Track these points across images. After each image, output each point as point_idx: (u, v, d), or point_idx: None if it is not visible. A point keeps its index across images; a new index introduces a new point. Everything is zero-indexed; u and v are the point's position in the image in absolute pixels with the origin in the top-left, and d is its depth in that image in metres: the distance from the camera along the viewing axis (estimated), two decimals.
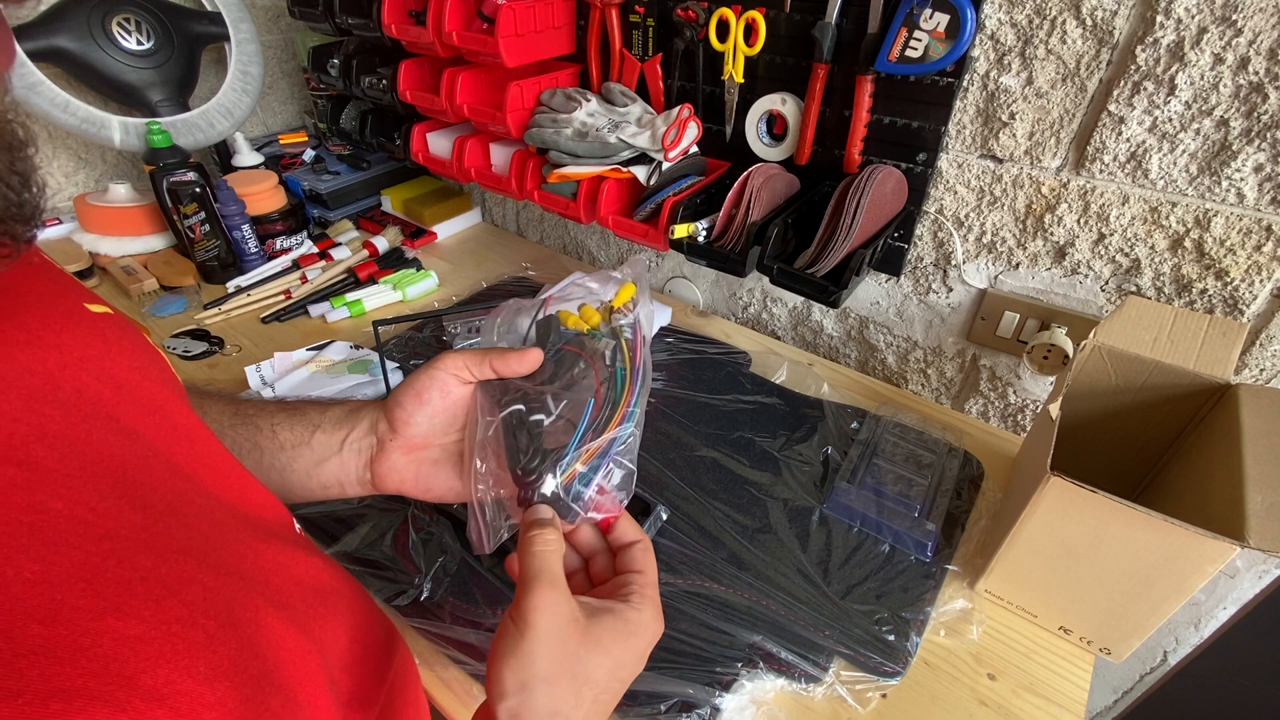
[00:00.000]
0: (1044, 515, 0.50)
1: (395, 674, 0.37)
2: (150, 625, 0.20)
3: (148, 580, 0.21)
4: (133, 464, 0.24)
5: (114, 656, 0.19)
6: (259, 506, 0.32)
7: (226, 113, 1.07)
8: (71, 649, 0.18)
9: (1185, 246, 0.62)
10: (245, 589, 0.25)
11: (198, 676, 0.20)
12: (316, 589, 0.31)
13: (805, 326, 0.94)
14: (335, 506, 0.66)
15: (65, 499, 0.21)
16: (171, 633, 0.20)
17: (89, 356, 0.26)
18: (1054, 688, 0.54)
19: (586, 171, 0.80)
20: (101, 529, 0.21)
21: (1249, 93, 0.54)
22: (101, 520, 0.21)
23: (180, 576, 0.22)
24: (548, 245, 1.20)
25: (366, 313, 0.97)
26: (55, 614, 0.18)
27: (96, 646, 0.18)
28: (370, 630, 0.35)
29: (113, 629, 0.19)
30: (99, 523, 0.21)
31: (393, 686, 0.36)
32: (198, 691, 0.20)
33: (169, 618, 0.21)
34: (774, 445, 0.74)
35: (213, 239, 0.98)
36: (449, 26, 0.80)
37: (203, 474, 0.29)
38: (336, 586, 0.33)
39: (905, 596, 0.59)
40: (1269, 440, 0.48)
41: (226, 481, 0.30)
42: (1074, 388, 0.59)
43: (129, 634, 0.19)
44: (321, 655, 0.28)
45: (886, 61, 0.64)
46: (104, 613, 0.19)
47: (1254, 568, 0.72)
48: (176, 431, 0.29)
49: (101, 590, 0.20)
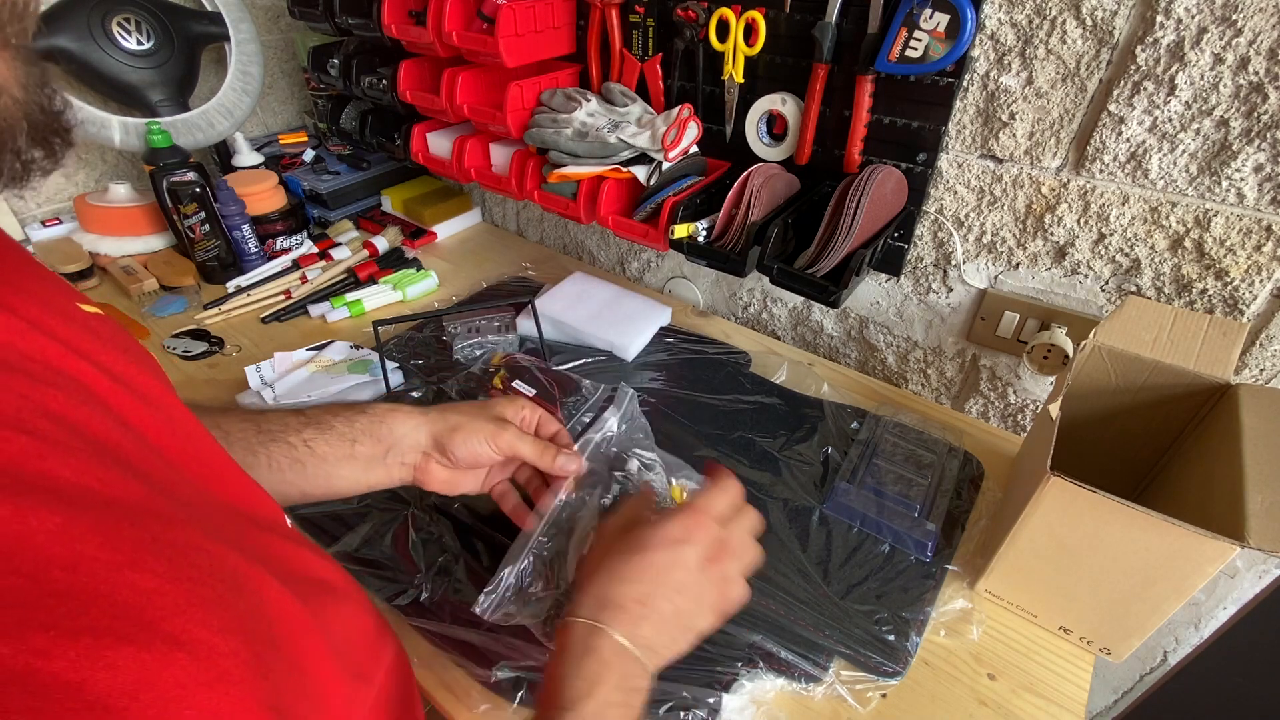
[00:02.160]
0: (1044, 515, 0.50)
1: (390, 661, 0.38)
2: (165, 580, 0.21)
3: (159, 541, 0.22)
4: (128, 450, 0.25)
5: (133, 604, 0.19)
6: (251, 501, 0.33)
7: (226, 113, 1.07)
8: (93, 595, 0.19)
9: (1185, 246, 0.62)
10: (247, 562, 0.25)
11: (213, 629, 0.21)
12: (310, 578, 0.32)
13: (805, 326, 0.94)
14: (335, 506, 0.66)
15: (72, 468, 0.21)
16: (185, 589, 0.21)
17: (85, 350, 0.26)
18: (1054, 688, 0.54)
19: (586, 171, 0.80)
20: (108, 496, 0.22)
21: (1249, 93, 0.54)
22: (107, 489, 0.22)
23: (187, 543, 0.23)
24: (548, 245, 1.20)
25: (366, 313, 0.97)
26: (76, 563, 0.19)
27: (116, 594, 0.19)
28: (365, 619, 0.36)
29: (130, 581, 0.20)
30: (106, 491, 0.22)
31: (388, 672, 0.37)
32: (214, 641, 0.21)
33: (181, 576, 0.21)
34: (774, 445, 0.74)
35: (213, 239, 0.98)
36: (449, 26, 0.80)
37: (195, 468, 0.29)
38: (330, 580, 0.34)
39: (905, 596, 0.59)
40: (1269, 440, 0.48)
41: (219, 476, 0.31)
42: (1074, 388, 0.59)
43: (146, 586, 0.20)
44: (323, 631, 0.29)
45: (886, 61, 0.64)
46: (121, 566, 0.20)
47: (1254, 568, 0.72)
48: (171, 424, 0.29)
49: (118, 546, 0.20)
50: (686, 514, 0.45)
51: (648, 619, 0.41)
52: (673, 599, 0.42)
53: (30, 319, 0.25)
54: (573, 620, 0.41)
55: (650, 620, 0.41)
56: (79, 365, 0.25)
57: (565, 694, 0.38)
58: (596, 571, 0.43)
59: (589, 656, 0.39)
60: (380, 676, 0.36)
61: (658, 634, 0.41)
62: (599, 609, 0.41)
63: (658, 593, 0.42)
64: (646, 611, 0.41)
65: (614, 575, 0.42)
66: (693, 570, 0.43)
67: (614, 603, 0.41)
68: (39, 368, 0.24)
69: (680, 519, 0.44)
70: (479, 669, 0.53)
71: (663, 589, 0.42)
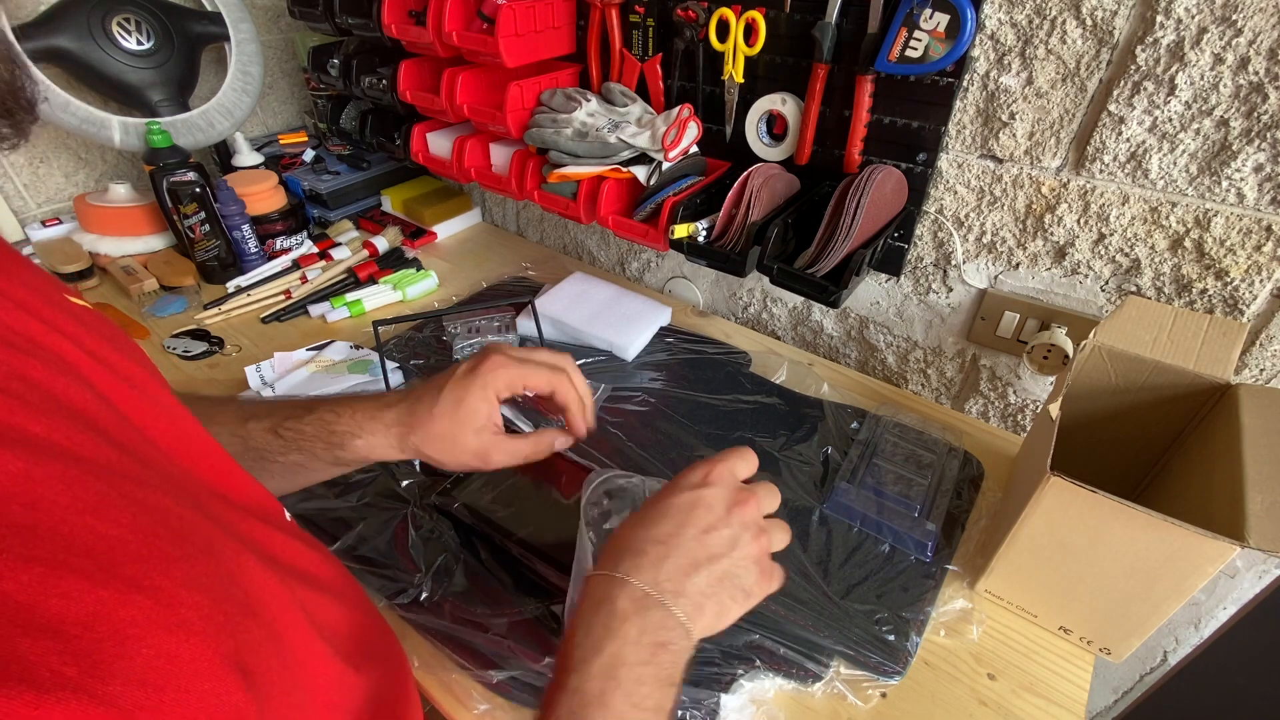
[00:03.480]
0: (1044, 515, 0.50)
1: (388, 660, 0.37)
2: (129, 530, 0.20)
3: (126, 497, 0.21)
4: (106, 421, 0.24)
5: (94, 548, 0.19)
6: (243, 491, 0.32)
7: (226, 113, 1.07)
8: (53, 533, 0.18)
9: (1185, 246, 0.62)
10: (225, 536, 0.25)
11: (176, 580, 0.20)
12: (300, 571, 0.31)
13: (805, 326, 0.94)
14: (335, 505, 0.66)
15: (43, 425, 0.21)
16: (149, 542, 0.21)
17: (70, 333, 0.26)
18: (1054, 688, 0.54)
19: (586, 171, 0.80)
20: (78, 454, 0.21)
21: (1249, 93, 0.54)
22: (79, 449, 0.21)
23: (158, 505, 0.23)
24: (548, 245, 1.20)
25: (366, 313, 0.96)
26: (35, 503, 0.19)
27: (76, 535, 0.19)
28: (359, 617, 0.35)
29: (91, 525, 0.19)
30: (75, 450, 0.21)
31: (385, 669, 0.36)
32: (175, 591, 0.20)
33: (147, 530, 0.21)
34: (774, 445, 0.74)
35: (213, 239, 0.98)
36: (449, 26, 0.80)
37: (181, 450, 0.28)
38: (323, 577, 0.33)
39: (905, 596, 0.59)
40: (1269, 440, 0.48)
41: (206, 461, 0.30)
42: (1074, 388, 0.59)
43: (108, 533, 0.20)
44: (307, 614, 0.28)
45: (886, 61, 0.64)
46: (83, 511, 0.20)
47: (1254, 568, 0.72)
48: (157, 408, 0.28)
49: (80, 494, 0.20)
50: (703, 463, 0.42)
51: (672, 560, 0.37)
52: (702, 540, 0.38)
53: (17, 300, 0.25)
54: (593, 574, 0.37)
55: (676, 562, 0.37)
56: (63, 344, 0.25)
57: (573, 655, 0.34)
58: (621, 529, 0.40)
59: (601, 609, 0.35)
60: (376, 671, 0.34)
61: (686, 578, 0.36)
62: (616, 558, 0.37)
63: (682, 533, 0.38)
64: (670, 552, 0.37)
65: (633, 526, 0.39)
66: (719, 512, 0.39)
67: (631, 548, 0.37)
68: (21, 340, 0.24)
69: (697, 466, 0.41)
70: (478, 669, 0.53)
71: (688, 530, 0.38)
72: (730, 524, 0.39)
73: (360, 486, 0.68)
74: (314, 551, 0.33)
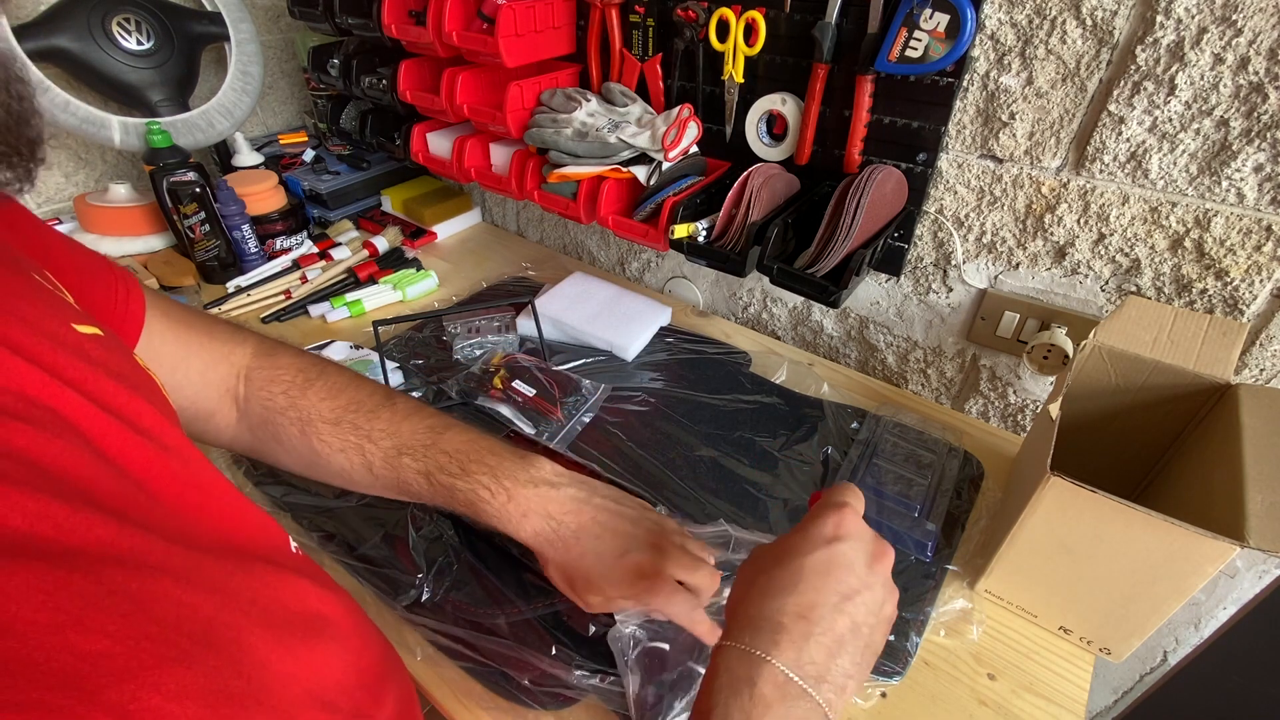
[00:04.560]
0: (1044, 515, 0.50)
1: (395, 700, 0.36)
2: (115, 641, 0.19)
3: (116, 594, 0.20)
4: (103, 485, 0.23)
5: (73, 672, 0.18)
6: (250, 529, 0.32)
7: (226, 113, 1.07)
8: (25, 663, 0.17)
9: (1185, 246, 0.62)
10: (226, 608, 0.24)
11: (166, 693, 0.19)
12: (305, 614, 0.30)
13: (805, 326, 0.94)
14: (335, 505, 0.66)
15: (28, 514, 0.20)
16: (139, 649, 0.20)
17: (71, 378, 0.25)
18: (1054, 688, 0.54)
19: (586, 171, 0.80)
20: (65, 545, 0.20)
21: (1249, 93, 0.54)
22: (66, 537, 0.20)
23: (152, 593, 0.22)
24: (548, 245, 1.20)
25: (366, 313, 0.97)
26: (8, 627, 0.17)
27: (53, 661, 0.18)
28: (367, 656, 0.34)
29: (72, 644, 0.18)
30: (63, 539, 0.20)
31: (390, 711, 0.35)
32: (165, 708, 0.19)
33: (137, 634, 0.20)
34: (774, 445, 0.74)
35: (213, 239, 0.98)
36: (449, 26, 0.80)
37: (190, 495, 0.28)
38: (328, 613, 0.32)
39: (905, 596, 0.59)
40: (1269, 440, 0.48)
41: (216, 504, 0.30)
42: (1074, 388, 0.59)
43: (91, 649, 0.19)
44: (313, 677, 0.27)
45: (886, 61, 0.64)
46: (63, 627, 0.18)
47: (1254, 568, 0.72)
48: (166, 452, 0.28)
49: (61, 604, 0.19)
50: (832, 510, 0.38)
51: (816, 639, 0.33)
52: (845, 609, 0.34)
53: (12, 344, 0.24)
54: (725, 645, 0.34)
55: (820, 640, 0.33)
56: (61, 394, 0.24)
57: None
58: (745, 594, 0.36)
59: (741, 692, 0.31)
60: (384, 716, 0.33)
61: (832, 659, 0.33)
62: (752, 631, 0.33)
63: (823, 602, 0.34)
64: (812, 628, 0.33)
65: (765, 591, 0.35)
66: (860, 571, 0.36)
67: (768, 621, 0.33)
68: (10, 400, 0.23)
69: (828, 516, 0.37)
70: (479, 669, 0.53)
71: (829, 597, 0.34)
72: (872, 585, 0.36)
73: None
74: (320, 588, 0.32)
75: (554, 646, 0.54)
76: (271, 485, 0.68)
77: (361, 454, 0.48)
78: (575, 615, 0.56)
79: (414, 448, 0.48)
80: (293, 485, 0.68)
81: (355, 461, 0.49)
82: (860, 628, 0.34)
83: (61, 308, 0.29)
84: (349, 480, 0.50)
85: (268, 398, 0.49)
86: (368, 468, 0.48)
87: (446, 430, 0.49)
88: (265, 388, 0.49)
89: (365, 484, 0.50)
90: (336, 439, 0.49)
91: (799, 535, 0.37)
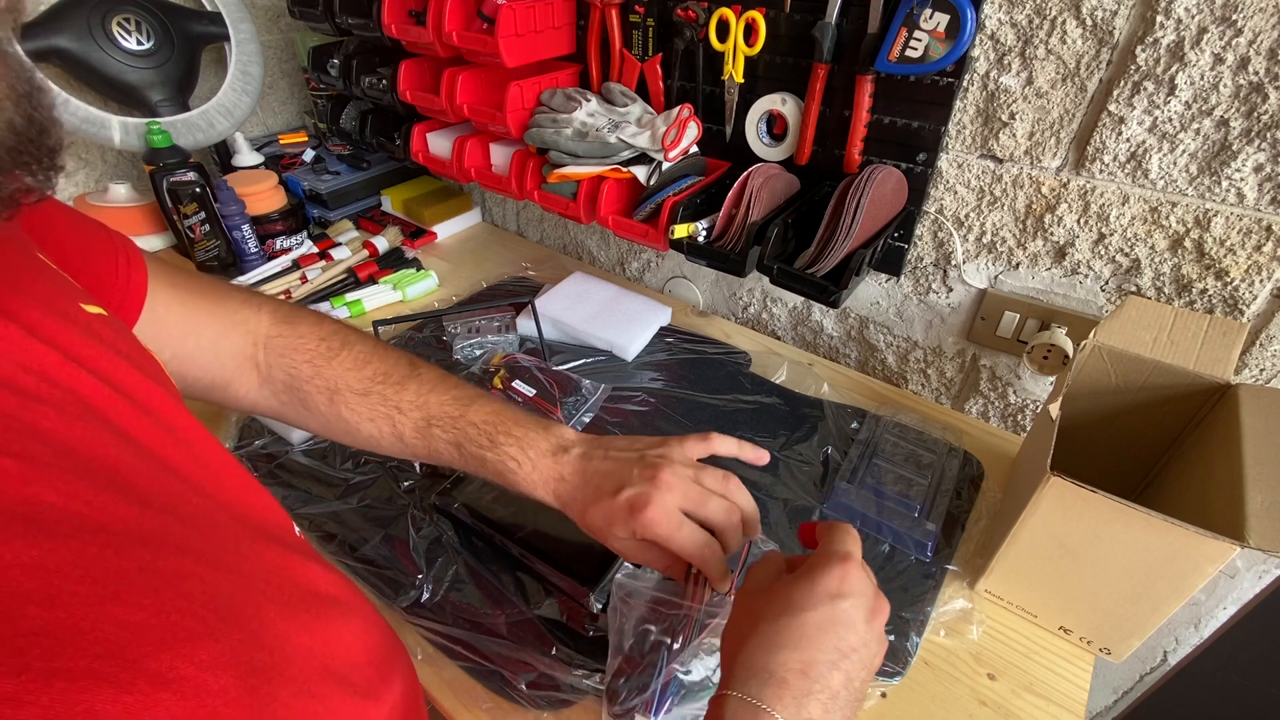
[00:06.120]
0: (1044, 515, 0.50)
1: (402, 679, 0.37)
2: (150, 613, 0.20)
3: (145, 572, 0.21)
4: (126, 464, 0.24)
5: (115, 640, 0.18)
6: (259, 509, 0.32)
7: (226, 113, 1.07)
8: (72, 632, 0.18)
9: (1185, 246, 0.62)
10: (245, 586, 0.25)
11: (200, 664, 0.20)
12: (314, 593, 0.31)
13: (805, 326, 0.94)
14: (336, 506, 0.66)
15: (60, 492, 0.20)
16: (171, 622, 0.20)
17: (85, 357, 0.26)
18: (1054, 688, 0.54)
19: (586, 171, 0.80)
20: (96, 522, 0.21)
21: (1249, 93, 0.54)
22: (96, 514, 0.21)
23: (177, 571, 0.22)
24: (548, 245, 1.20)
25: (366, 313, 0.97)
26: (54, 598, 0.18)
27: (97, 630, 0.18)
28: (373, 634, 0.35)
29: (113, 615, 0.19)
30: (94, 516, 0.21)
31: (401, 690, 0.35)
32: (201, 678, 0.20)
33: (168, 608, 0.20)
34: (774, 445, 0.74)
35: (213, 239, 0.98)
36: (449, 26, 0.80)
37: (200, 475, 0.28)
38: (335, 594, 0.33)
39: (905, 596, 0.59)
40: (1269, 440, 0.48)
41: (224, 484, 0.30)
42: (1074, 388, 0.59)
43: (130, 620, 0.19)
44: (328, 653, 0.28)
45: (886, 61, 0.64)
46: (103, 599, 0.19)
47: (1254, 568, 0.72)
48: (173, 433, 0.28)
49: (99, 578, 0.19)
50: (837, 563, 0.38)
51: (814, 695, 0.34)
52: (841, 666, 0.36)
53: (29, 325, 0.24)
54: (726, 694, 0.35)
55: (818, 697, 0.34)
56: (77, 375, 0.25)
57: None
58: (747, 639, 0.37)
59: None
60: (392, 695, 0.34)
61: (827, 714, 0.34)
62: (755, 683, 0.35)
63: (822, 659, 0.35)
64: (811, 685, 0.34)
65: (768, 642, 0.36)
66: (860, 629, 0.37)
67: (773, 675, 0.35)
68: (34, 381, 0.23)
69: (833, 569, 0.38)
70: (480, 669, 0.53)
71: (828, 654, 0.35)
72: (869, 642, 0.37)
73: (361, 488, 0.68)
74: (325, 570, 0.33)
75: (554, 647, 0.54)
76: (272, 486, 0.68)
77: (391, 424, 0.50)
78: (575, 615, 0.56)
79: (442, 419, 0.50)
80: (293, 486, 0.68)
81: (385, 430, 0.50)
82: (853, 682, 0.36)
83: (69, 287, 0.29)
84: (378, 446, 0.52)
85: (291, 365, 0.50)
86: (398, 437, 0.50)
87: (473, 402, 0.51)
88: (288, 355, 0.50)
89: (395, 450, 0.52)
90: (365, 409, 0.50)
91: (805, 586, 0.38)
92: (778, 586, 0.39)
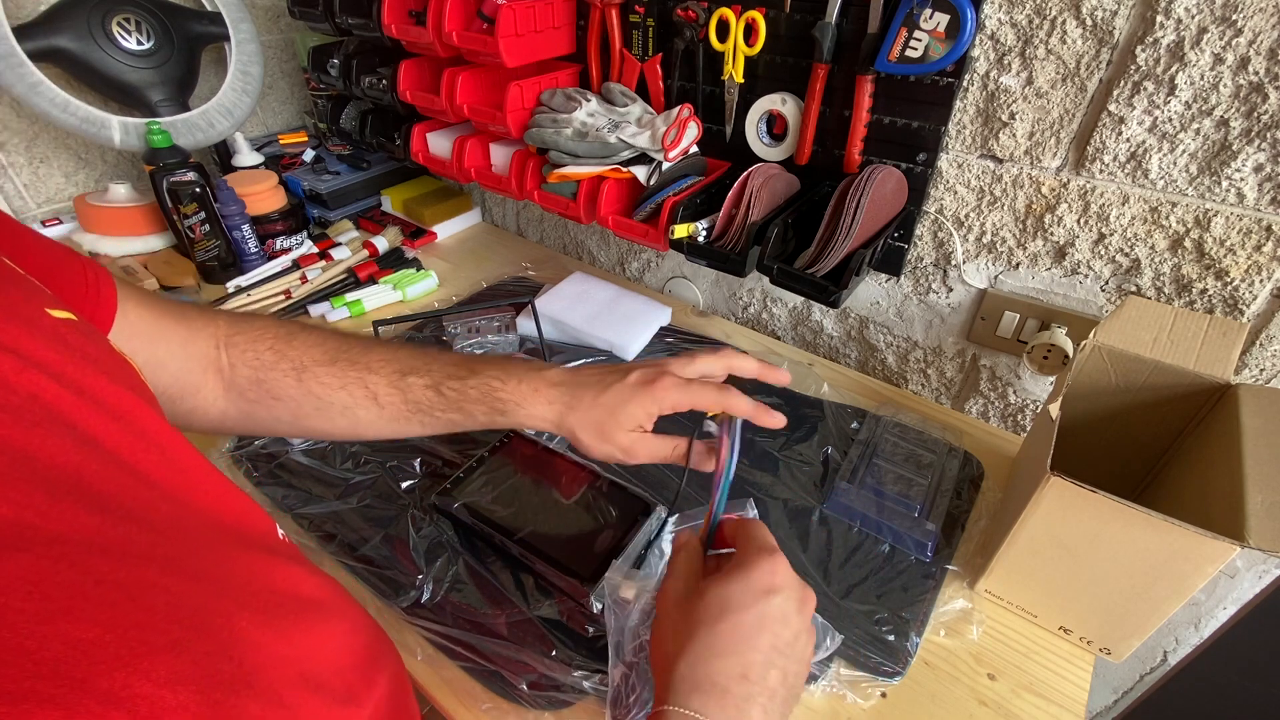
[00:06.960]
0: (1044, 515, 0.50)
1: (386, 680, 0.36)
2: (105, 629, 0.19)
3: (103, 584, 0.20)
4: (89, 471, 0.23)
5: (64, 659, 0.18)
6: (236, 514, 0.32)
7: (226, 113, 1.07)
8: (16, 652, 0.17)
9: (1185, 246, 0.62)
10: (217, 594, 0.24)
11: (158, 680, 0.19)
12: (296, 597, 0.30)
13: (805, 326, 0.94)
14: (335, 506, 0.66)
15: (10, 503, 0.20)
16: (129, 637, 0.20)
17: (48, 361, 0.25)
18: (1054, 688, 0.54)
19: (586, 171, 0.80)
20: (51, 533, 0.20)
21: (1249, 93, 0.54)
22: (51, 524, 0.20)
23: (140, 582, 0.22)
24: (548, 245, 1.20)
25: (366, 313, 0.97)
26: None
27: (44, 649, 0.17)
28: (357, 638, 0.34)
29: (62, 632, 0.18)
30: (48, 526, 0.20)
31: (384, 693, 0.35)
32: (158, 695, 0.19)
33: (125, 622, 0.20)
34: (774, 445, 0.74)
35: (213, 239, 0.98)
36: (449, 26, 0.80)
37: (173, 481, 0.28)
38: (318, 597, 0.32)
39: (905, 596, 0.59)
40: (1269, 440, 0.48)
41: (199, 489, 0.30)
42: (1074, 388, 0.59)
43: (81, 637, 0.18)
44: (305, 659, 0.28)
45: (886, 61, 0.64)
46: (53, 615, 0.18)
47: (1254, 568, 0.72)
48: (144, 439, 0.28)
49: (49, 593, 0.19)
50: (766, 557, 0.39)
51: (754, 699, 0.34)
52: (777, 663, 0.36)
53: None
54: (665, 710, 0.34)
55: (758, 700, 0.35)
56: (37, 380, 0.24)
57: None
58: (682, 649, 0.37)
59: None
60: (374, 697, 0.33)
61: (766, 715, 0.35)
62: (700, 696, 0.34)
63: (759, 660, 0.35)
64: (751, 688, 0.35)
65: (706, 650, 0.36)
66: (793, 623, 0.37)
67: (715, 685, 0.35)
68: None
69: (763, 564, 0.38)
70: (479, 670, 0.53)
71: (765, 653, 0.36)
72: (800, 633, 0.38)
73: (361, 488, 0.68)
74: (308, 573, 0.33)
75: (554, 647, 0.54)
76: (271, 486, 0.68)
77: (364, 385, 0.49)
78: (574, 616, 0.56)
79: (417, 367, 0.49)
80: (293, 486, 0.68)
81: (358, 395, 0.49)
82: (788, 676, 0.36)
83: (34, 292, 0.29)
84: (353, 419, 0.50)
85: (254, 356, 0.49)
86: (372, 398, 0.49)
87: (443, 352, 0.51)
88: (249, 348, 0.49)
89: (370, 419, 0.50)
90: (335, 377, 0.49)
91: (739, 585, 0.38)
92: (709, 587, 0.39)
